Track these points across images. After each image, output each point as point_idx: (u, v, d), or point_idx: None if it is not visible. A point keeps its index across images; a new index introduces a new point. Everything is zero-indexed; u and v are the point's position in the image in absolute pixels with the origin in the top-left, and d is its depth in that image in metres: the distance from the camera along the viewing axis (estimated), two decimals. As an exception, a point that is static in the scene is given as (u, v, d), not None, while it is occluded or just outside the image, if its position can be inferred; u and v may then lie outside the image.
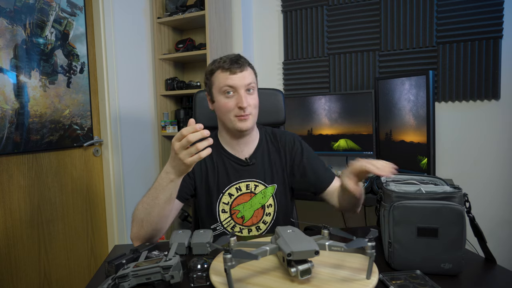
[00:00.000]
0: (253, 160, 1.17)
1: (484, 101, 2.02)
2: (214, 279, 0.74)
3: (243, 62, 1.09)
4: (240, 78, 1.07)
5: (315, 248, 0.70)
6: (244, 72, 1.08)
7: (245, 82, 1.07)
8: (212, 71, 1.11)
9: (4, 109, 1.67)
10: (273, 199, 1.18)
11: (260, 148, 1.20)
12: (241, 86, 1.07)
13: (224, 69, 1.07)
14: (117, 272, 0.77)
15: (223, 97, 1.09)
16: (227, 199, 1.16)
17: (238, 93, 1.07)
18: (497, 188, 2.02)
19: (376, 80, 2.08)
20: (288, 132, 1.27)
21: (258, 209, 1.17)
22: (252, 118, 1.11)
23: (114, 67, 2.18)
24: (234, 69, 1.06)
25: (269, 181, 1.18)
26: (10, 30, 1.69)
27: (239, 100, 1.06)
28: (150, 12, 2.49)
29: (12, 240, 1.72)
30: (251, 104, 1.09)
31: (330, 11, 2.33)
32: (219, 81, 1.09)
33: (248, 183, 1.16)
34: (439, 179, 0.90)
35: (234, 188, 1.16)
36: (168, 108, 2.62)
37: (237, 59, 1.08)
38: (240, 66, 1.07)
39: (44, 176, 1.86)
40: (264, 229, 1.18)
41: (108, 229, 2.22)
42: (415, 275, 0.76)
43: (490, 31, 1.95)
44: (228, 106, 1.08)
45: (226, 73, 1.07)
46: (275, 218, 1.19)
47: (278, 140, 1.22)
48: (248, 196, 1.16)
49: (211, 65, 1.13)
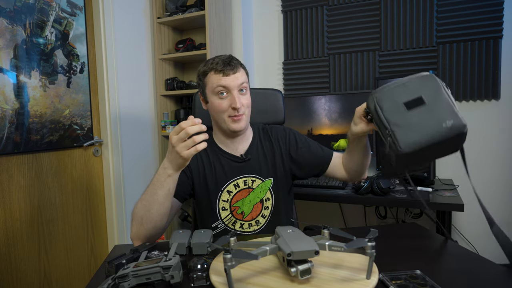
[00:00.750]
0: (248, 155, 1.19)
1: (484, 101, 2.02)
2: (214, 279, 0.74)
3: (236, 64, 1.11)
4: (233, 79, 1.09)
5: (315, 248, 0.70)
6: (237, 73, 1.10)
7: (238, 83, 1.09)
8: (205, 72, 1.13)
9: (4, 109, 1.67)
10: (270, 192, 1.20)
11: (254, 143, 1.23)
12: (234, 87, 1.09)
13: (217, 71, 1.09)
14: (117, 272, 0.77)
15: (216, 97, 1.11)
16: (226, 196, 1.17)
17: (231, 94, 1.09)
18: (497, 188, 2.02)
19: (376, 80, 2.08)
20: (278, 126, 1.30)
21: (257, 203, 1.19)
22: (246, 118, 1.14)
23: (114, 67, 2.18)
24: (227, 70, 1.09)
25: (266, 175, 1.20)
26: (10, 30, 1.69)
27: (233, 100, 1.09)
28: (150, 12, 2.49)
29: (12, 240, 1.72)
30: (244, 104, 1.11)
31: (330, 11, 2.33)
32: (212, 82, 1.10)
33: (245, 178, 1.18)
34: None
35: (232, 185, 1.17)
36: (168, 108, 2.62)
37: (230, 61, 1.10)
38: (233, 67, 1.09)
39: (44, 176, 1.86)
40: (264, 223, 1.20)
41: (108, 229, 2.22)
42: (415, 275, 0.76)
43: (490, 31, 1.95)
44: (222, 107, 1.10)
45: (219, 75, 1.09)
46: (273, 211, 1.21)
47: (270, 134, 1.25)
48: (246, 192, 1.18)
49: (203, 66, 1.14)
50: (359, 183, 1.82)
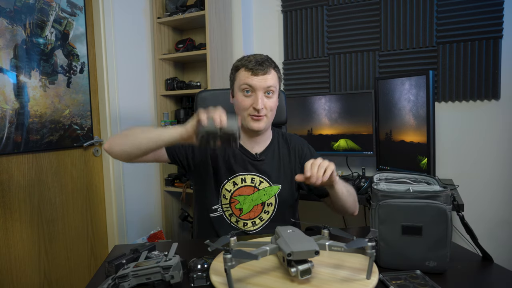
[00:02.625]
0: (262, 156, 1.20)
1: (484, 101, 2.02)
2: (214, 279, 0.74)
3: (268, 66, 1.11)
4: (260, 80, 1.10)
5: (315, 248, 0.70)
6: (267, 75, 1.10)
7: (264, 85, 1.10)
8: (237, 67, 1.14)
9: (4, 109, 1.67)
10: (275, 199, 1.19)
11: (271, 147, 1.23)
12: (260, 88, 1.10)
13: (248, 69, 1.10)
14: (117, 272, 0.77)
15: (241, 94, 1.12)
16: (230, 186, 1.17)
17: (255, 94, 1.10)
18: (497, 188, 2.02)
19: (376, 80, 2.08)
20: (297, 136, 1.31)
21: (257, 204, 1.18)
22: (267, 119, 1.14)
23: (114, 67, 2.18)
24: (257, 70, 1.09)
25: (275, 181, 1.19)
26: (10, 30, 1.69)
27: (255, 100, 1.10)
28: (150, 12, 2.49)
29: (12, 240, 1.72)
30: (267, 107, 1.12)
31: (330, 11, 2.33)
32: (240, 79, 1.12)
33: (253, 176, 1.18)
34: (434, 179, 0.90)
35: (239, 178, 1.17)
36: (168, 108, 2.62)
37: (263, 61, 1.11)
38: (264, 68, 1.10)
39: (44, 176, 1.86)
40: (260, 225, 1.19)
41: (108, 229, 2.22)
42: (415, 275, 0.76)
43: (490, 31, 1.95)
44: (244, 104, 1.12)
45: (248, 73, 1.10)
46: (272, 217, 1.19)
47: (288, 142, 1.26)
48: (250, 190, 1.18)
49: (238, 61, 1.16)
50: (359, 183, 1.82)
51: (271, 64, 1.13)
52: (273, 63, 1.15)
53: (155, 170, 2.56)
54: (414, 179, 0.92)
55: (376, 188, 0.84)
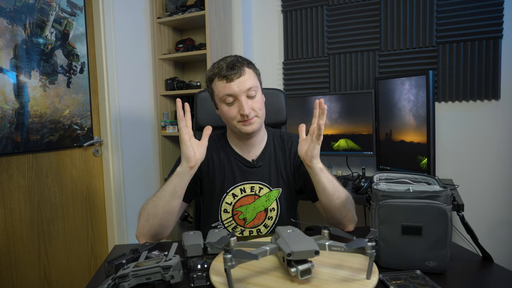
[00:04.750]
0: (259, 162, 1.17)
1: (484, 101, 2.02)
2: (214, 279, 0.74)
3: (240, 66, 1.05)
4: (238, 84, 1.04)
5: (315, 248, 0.70)
6: (242, 77, 1.04)
7: (244, 88, 1.04)
8: (211, 78, 1.09)
9: (4, 109, 1.67)
10: (276, 203, 1.17)
11: (267, 150, 1.19)
12: (240, 93, 1.04)
13: (221, 77, 1.04)
14: (117, 272, 0.77)
15: (224, 105, 1.07)
16: (231, 199, 1.15)
17: (238, 100, 1.05)
18: (497, 188, 2.02)
19: (376, 80, 2.08)
20: (294, 135, 1.22)
21: (260, 211, 1.16)
22: (258, 119, 1.09)
23: (114, 67, 2.18)
24: (230, 76, 1.03)
25: (274, 185, 1.17)
26: (10, 30, 1.69)
27: (240, 107, 1.05)
28: (150, 12, 2.49)
29: (12, 240, 1.71)
30: (255, 108, 1.07)
31: (330, 11, 2.33)
32: (219, 90, 1.07)
33: (253, 185, 1.16)
34: (434, 179, 0.90)
35: (238, 189, 1.16)
36: (168, 108, 2.62)
37: (233, 64, 1.04)
38: (237, 71, 1.04)
39: (44, 176, 1.86)
40: (265, 232, 1.18)
41: (108, 229, 2.22)
42: (415, 275, 0.76)
43: (490, 31, 1.95)
44: (231, 114, 1.07)
45: (223, 81, 1.05)
46: (277, 222, 1.18)
47: (285, 143, 1.21)
48: (251, 198, 1.16)
49: (209, 71, 1.10)
50: (359, 183, 1.81)
51: (243, 63, 1.06)
52: (245, 61, 1.09)
53: (155, 170, 2.56)
54: (414, 179, 0.92)
55: (376, 188, 0.84)
